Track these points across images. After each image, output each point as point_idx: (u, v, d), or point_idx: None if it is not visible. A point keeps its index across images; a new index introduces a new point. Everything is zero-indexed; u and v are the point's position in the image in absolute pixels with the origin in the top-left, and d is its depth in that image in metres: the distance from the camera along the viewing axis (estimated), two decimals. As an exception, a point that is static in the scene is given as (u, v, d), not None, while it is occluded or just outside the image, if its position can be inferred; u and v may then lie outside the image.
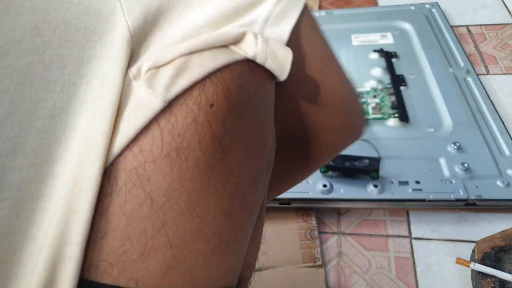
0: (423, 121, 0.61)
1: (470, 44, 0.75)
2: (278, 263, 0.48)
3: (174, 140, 0.18)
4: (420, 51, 0.73)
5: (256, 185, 0.22)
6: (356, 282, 0.46)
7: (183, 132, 0.18)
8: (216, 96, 0.19)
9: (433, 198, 0.49)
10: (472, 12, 0.83)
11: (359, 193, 0.51)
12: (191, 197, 0.19)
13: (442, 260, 0.47)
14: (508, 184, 0.50)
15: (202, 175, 0.19)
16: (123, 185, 0.18)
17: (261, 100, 0.21)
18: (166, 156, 0.18)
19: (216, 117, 0.19)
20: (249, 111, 0.20)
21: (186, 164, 0.18)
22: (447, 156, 0.54)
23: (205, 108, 0.18)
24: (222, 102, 0.19)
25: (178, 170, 0.18)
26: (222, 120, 0.19)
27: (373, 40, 0.77)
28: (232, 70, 0.20)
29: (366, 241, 0.50)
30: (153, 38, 0.20)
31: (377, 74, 0.70)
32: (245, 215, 0.21)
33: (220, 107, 0.19)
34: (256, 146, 0.21)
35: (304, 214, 0.53)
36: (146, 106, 0.18)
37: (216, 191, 0.19)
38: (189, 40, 0.19)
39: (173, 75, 0.18)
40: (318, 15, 0.86)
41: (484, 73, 0.69)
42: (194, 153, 0.18)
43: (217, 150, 0.19)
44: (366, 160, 0.51)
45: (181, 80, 0.19)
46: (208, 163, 0.19)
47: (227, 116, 0.19)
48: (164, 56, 0.19)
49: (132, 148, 0.18)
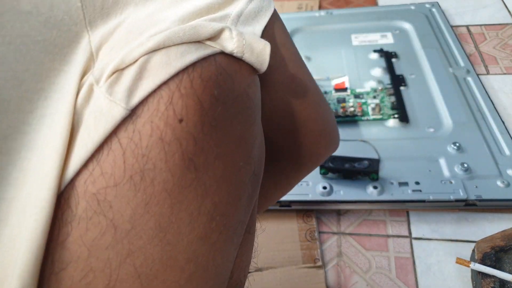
0: (423, 121, 0.61)
1: (470, 44, 0.75)
2: (278, 263, 0.48)
3: (138, 162, 0.16)
4: (420, 51, 0.73)
5: (239, 203, 0.20)
6: (356, 282, 0.46)
7: (147, 152, 0.16)
8: (186, 109, 0.17)
9: (433, 199, 0.49)
10: (472, 12, 0.83)
11: (359, 195, 0.51)
12: (159, 223, 0.17)
13: (442, 260, 0.47)
14: (508, 184, 0.50)
15: (172, 198, 0.17)
16: (83, 212, 0.16)
17: (242, 110, 0.20)
18: (129, 179, 0.16)
19: (186, 133, 0.17)
20: (226, 124, 0.19)
21: (152, 188, 0.17)
22: (447, 156, 0.54)
23: (173, 124, 0.17)
24: (193, 116, 0.17)
25: (143, 195, 0.16)
26: (193, 137, 0.17)
27: (373, 40, 0.77)
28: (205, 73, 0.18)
29: (366, 241, 0.50)
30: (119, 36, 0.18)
31: (377, 75, 0.70)
32: (226, 236, 0.19)
33: (191, 122, 0.17)
34: (237, 161, 0.19)
35: (304, 215, 0.53)
36: (106, 115, 0.16)
37: (190, 214, 0.18)
38: (156, 35, 0.17)
39: (136, 77, 0.17)
40: (318, 15, 0.86)
41: (484, 73, 0.69)
42: (161, 175, 0.17)
43: (188, 170, 0.17)
44: (366, 161, 0.52)
45: (145, 83, 0.17)
46: (178, 185, 0.17)
47: (199, 131, 0.17)
48: (129, 55, 0.17)
49: (93, 170, 0.16)
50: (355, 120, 0.62)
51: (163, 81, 0.17)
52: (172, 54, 0.17)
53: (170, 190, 0.17)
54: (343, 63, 0.74)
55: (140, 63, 0.17)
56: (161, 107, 0.17)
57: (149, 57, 0.17)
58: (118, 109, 0.16)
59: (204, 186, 0.18)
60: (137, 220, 0.16)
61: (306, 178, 0.54)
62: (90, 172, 0.16)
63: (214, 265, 0.19)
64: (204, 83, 0.18)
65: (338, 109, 0.63)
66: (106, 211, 0.16)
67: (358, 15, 0.84)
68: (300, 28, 0.83)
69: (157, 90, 0.17)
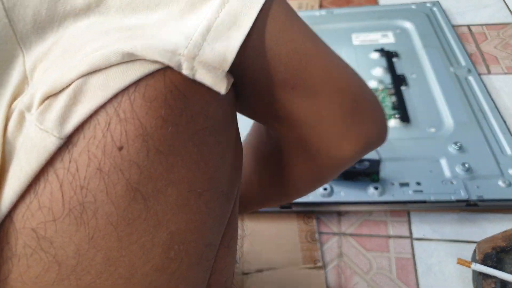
0: (424, 121, 0.60)
1: (471, 43, 0.75)
2: (279, 264, 0.48)
3: (77, 195, 0.15)
4: (421, 50, 0.72)
5: (203, 228, 0.19)
6: (357, 283, 0.46)
7: (86, 184, 0.15)
8: (126, 135, 0.15)
9: (434, 199, 0.49)
10: (473, 12, 0.83)
11: (359, 196, 0.51)
12: (108, 257, 0.16)
13: (443, 260, 0.47)
14: (509, 184, 0.50)
15: (119, 231, 0.16)
16: (22, 248, 0.15)
17: (199, 131, 0.18)
18: (68, 213, 0.15)
19: (128, 162, 0.15)
20: (178, 147, 0.17)
21: (95, 221, 0.15)
22: (448, 156, 0.54)
23: (111, 153, 0.15)
24: (134, 142, 0.16)
25: (86, 229, 0.15)
26: (137, 165, 0.16)
27: (374, 40, 0.77)
28: (150, 92, 0.16)
29: (367, 241, 0.50)
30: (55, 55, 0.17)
31: (378, 74, 0.70)
32: (189, 263, 0.18)
33: (133, 149, 0.16)
34: (196, 185, 0.18)
35: (305, 216, 0.53)
36: (38, 147, 0.15)
37: (142, 246, 0.16)
38: (91, 55, 0.16)
39: (69, 102, 0.15)
40: (319, 14, 0.85)
41: (485, 72, 0.69)
42: (104, 208, 0.15)
43: (135, 201, 0.16)
44: (367, 162, 0.51)
45: (80, 108, 0.15)
46: (125, 217, 0.16)
47: (144, 159, 0.16)
48: (62, 78, 0.15)
49: (30, 204, 0.15)
50: (355, 120, 0.62)
51: (100, 105, 0.15)
52: (112, 73, 0.16)
53: (115, 222, 0.16)
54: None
55: (74, 87, 0.15)
56: (98, 134, 0.15)
57: (85, 80, 0.15)
58: (50, 139, 0.15)
59: (156, 217, 0.17)
60: (83, 255, 0.15)
61: (307, 179, 0.54)
62: (28, 206, 0.15)
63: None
64: (148, 104, 0.16)
65: (338, 109, 0.63)
66: (47, 247, 0.15)
67: (359, 14, 0.84)
68: (300, 27, 0.83)
69: (93, 115, 0.15)
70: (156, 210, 0.17)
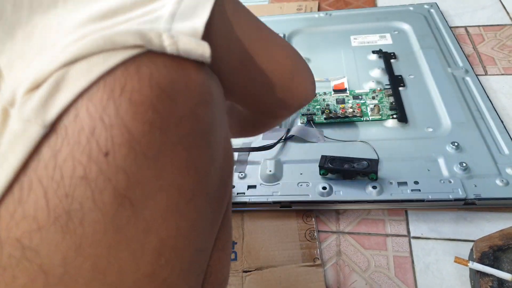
0: (421, 121, 0.61)
1: (469, 45, 0.76)
2: (278, 262, 0.48)
3: (62, 202, 0.15)
4: (419, 51, 0.73)
5: (194, 233, 0.18)
6: (355, 281, 0.47)
7: (72, 192, 0.15)
8: (112, 141, 0.15)
9: (432, 198, 0.50)
10: (471, 13, 0.83)
11: (358, 195, 0.52)
12: (96, 265, 0.16)
13: (440, 259, 0.47)
14: (507, 182, 0.50)
15: (107, 238, 0.15)
16: (7, 259, 0.15)
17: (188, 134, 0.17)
18: (54, 221, 0.15)
19: (114, 168, 0.15)
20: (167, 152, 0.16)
21: (81, 229, 0.15)
22: (446, 156, 0.55)
23: (97, 159, 0.15)
24: (120, 148, 0.15)
25: (72, 237, 0.15)
26: (124, 171, 0.15)
27: (372, 41, 0.78)
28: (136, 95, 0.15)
29: (365, 240, 0.50)
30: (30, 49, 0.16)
31: (376, 75, 0.70)
32: (181, 269, 0.18)
33: (119, 155, 0.15)
34: (186, 190, 0.17)
35: (304, 215, 0.53)
36: (22, 137, 0.15)
37: (132, 253, 0.16)
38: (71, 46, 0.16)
39: (51, 91, 0.15)
40: (317, 16, 0.86)
41: (483, 73, 0.70)
42: (91, 215, 0.15)
43: (123, 207, 0.16)
44: (365, 161, 0.52)
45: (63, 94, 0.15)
46: (113, 224, 0.15)
47: (131, 164, 0.15)
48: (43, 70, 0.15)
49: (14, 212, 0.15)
50: (354, 121, 0.63)
51: (84, 89, 0.15)
52: (94, 60, 0.15)
53: (103, 230, 0.15)
54: (342, 64, 0.74)
55: (56, 76, 0.15)
56: (83, 140, 0.15)
57: (67, 69, 0.15)
58: (34, 129, 0.15)
59: (146, 223, 0.16)
60: (70, 263, 0.15)
61: (306, 179, 0.54)
62: (12, 215, 0.15)
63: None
64: (134, 108, 0.15)
65: (337, 110, 0.64)
66: (32, 256, 0.15)
67: (357, 16, 0.85)
68: (299, 29, 0.84)
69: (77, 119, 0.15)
70: (145, 216, 0.16)
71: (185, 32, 0.17)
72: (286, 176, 0.56)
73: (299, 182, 0.54)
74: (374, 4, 0.92)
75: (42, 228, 0.15)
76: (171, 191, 0.17)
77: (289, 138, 0.61)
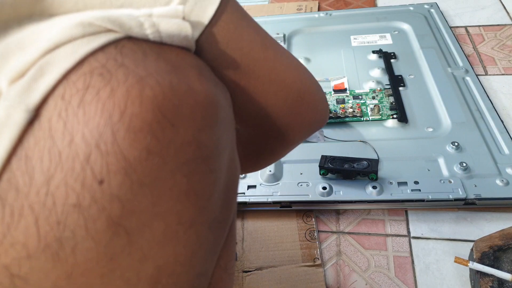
0: (422, 121, 0.61)
1: (469, 45, 0.76)
2: (278, 262, 0.48)
3: (54, 230, 0.14)
4: (419, 51, 0.73)
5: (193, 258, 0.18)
6: (355, 281, 0.47)
7: (64, 219, 0.14)
8: (107, 168, 0.15)
9: (432, 198, 0.50)
10: (471, 13, 0.83)
11: (358, 195, 0.52)
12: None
13: (440, 259, 0.47)
14: (507, 182, 0.50)
15: (100, 267, 0.15)
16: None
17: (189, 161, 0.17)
18: (44, 249, 0.14)
19: (109, 196, 0.15)
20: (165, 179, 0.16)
21: (73, 258, 0.15)
22: (446, 155, 0.55)
23: (91, 187, 0.14)
24: (116, 175, 0.15)
25: (63, 266, 0.14)
26: (119, 199, 0.15)
27: (372, 41, 0.78)
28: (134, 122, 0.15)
29: (365, 240, 0.50)
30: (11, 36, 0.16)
31: (376, 75, 0.70)
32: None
33: (115, 182, 0.15)
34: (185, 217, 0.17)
35: (304, 215, 0.53)
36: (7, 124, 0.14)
37: (126, 282, 0.16)
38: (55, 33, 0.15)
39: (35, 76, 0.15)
40: (318, 16, 0.86)
41: (483, 73, 0.69)
42: (83, 244, 0.15)
43: (117, 236, 0.15)
44: (365, 161, 0.52)
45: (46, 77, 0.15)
46: (106, 253, 0.15)
47: (126, 192, 0.15)
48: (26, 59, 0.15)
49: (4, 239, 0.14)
50: (354, 121, 0.63)
51: (68, 69, 0.15)
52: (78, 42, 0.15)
53: (96, 258, 0.15)
54: (342, 64, 0.74)
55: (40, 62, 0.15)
56: (77, 167, 0.14)
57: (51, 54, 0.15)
58: (17, 114, 0.14)
59: (142, 251, 0.16)
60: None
61: (306, 179, 0.54)
62: (1, 241, 0.14)
63: None
64: (132, 136, 0.15)
65: (337, 110, 0.64)
66: (21, 284, 0.14)
67: (357, 16, 0.85)
68: (299, 29, 0.84)
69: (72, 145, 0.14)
70: (141, 244, 0.16)
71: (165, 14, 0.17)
72: (286, 176, 0.56)
73: (299, 182, 0.54)
74: (374, 4, 0.92)
75: (32, 255, 0.14)
76: (169, 219, 0.16)
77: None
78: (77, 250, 0.15)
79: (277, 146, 0.30)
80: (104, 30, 0.16)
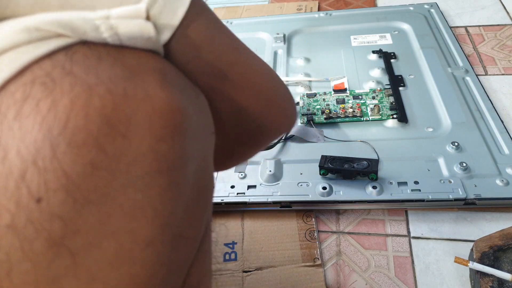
0: (422, 121, 0.61)
1: (469, 45, 0.76)
2: (278, 262, 0.48)
3: None
4: (419, 51, 0.73)
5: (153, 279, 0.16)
6: (355, 281, 0.47)
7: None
8: (45, 186, 0.14)
9: (432, 198, 0.50)
10: (471, 13, 0.83)
11: (358, 195, 0.52)
12: None
13: (440, 259, 0.47)
14: (507, 182, 0.50)
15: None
16: None
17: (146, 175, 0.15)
18: None
19: (48, 215, 0.14)
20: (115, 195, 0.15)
21: (8, 282, 0.14)
22: (446, 155, 0.55)
23: (27, 206, 0.13)
24: (56, 193, 0.14)
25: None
26: (60, 218, 0.14)
27: (372, 41, 0.78)
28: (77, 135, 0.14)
29: (365, 240, 0.50)
30: None
31: (376, 75, 0.70)
32: None
33: (55, 201, 0.14)
34: (142, 235, 0.15)
35: (304, 215, 0.53)
36: None
37: None
38: None
39: None
40: (317, 16, 0.86)
41: (483, 73, 0.70)
42: (19, 266, 0.14)
43: (60, 257, 0.14)
44: (365, 161, 0.52)
45: None
46: (47, 276, 0.14)
47: (69, 211, 0.14)
48: None
49: None
50: (354, 121, 0.63)
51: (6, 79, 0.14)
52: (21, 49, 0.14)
53: (35, 282, 0.14)
54: (342, 64, 0.74)
55: None
56: (10, 185, 0.13)
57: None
58: None
59: (89, 273, 0.15)
60: None
61: (306, 179, 0.54)
62: None
63: None
64: (74, 150, 0.14)
65: (337, 110, 0.64)
66: None
67: (357, 16, 0.85)
68: (299, 29, 0.84)
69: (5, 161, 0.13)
70: (89, 265, 0.14)
71: (125, 15, 0.16)
72: (286, 176, 0.56)
73: (299, 182, 0.54)
74: (374, 4, 0.92)
75: None
76: (122, 237, 0.15)
77: (289, 138, 0.61)
78: (12, 274, 0.14)
79: (246, 149, 0.30)
80: (55, 35, 0.15)
